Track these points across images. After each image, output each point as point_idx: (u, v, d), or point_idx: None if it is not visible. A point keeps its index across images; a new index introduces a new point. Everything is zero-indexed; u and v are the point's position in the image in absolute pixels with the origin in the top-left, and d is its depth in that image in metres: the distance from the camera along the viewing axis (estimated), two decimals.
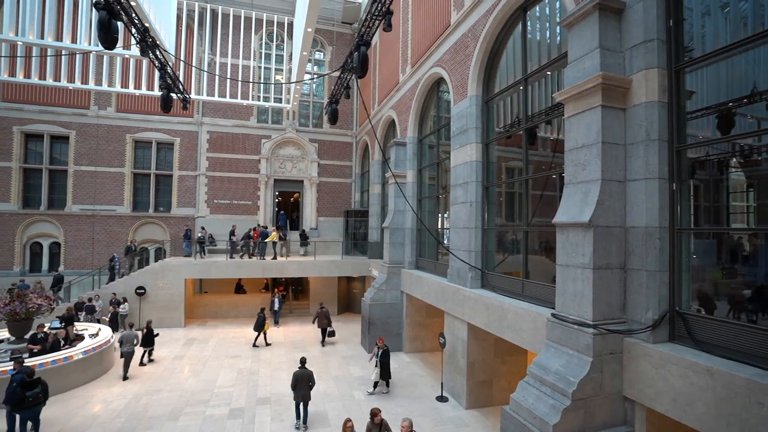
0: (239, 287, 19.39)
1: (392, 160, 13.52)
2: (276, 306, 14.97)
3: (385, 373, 9.81)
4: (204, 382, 10.38)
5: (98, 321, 13.76)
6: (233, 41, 19.15)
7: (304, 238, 19.43)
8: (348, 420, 6.44)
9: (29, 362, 8.87)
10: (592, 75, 4.91)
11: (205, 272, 16.43)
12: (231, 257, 16.71)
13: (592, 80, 4.89)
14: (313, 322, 14.42)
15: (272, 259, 17.02)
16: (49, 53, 14.37)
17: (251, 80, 19.37)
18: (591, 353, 4.71)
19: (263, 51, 20.98)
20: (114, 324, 13.89)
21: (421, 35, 12.62)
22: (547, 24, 7.60)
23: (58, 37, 12.15)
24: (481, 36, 8.79)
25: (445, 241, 11.47)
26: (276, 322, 14.56)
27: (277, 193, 21.40)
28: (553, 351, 5.25)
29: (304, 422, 8.16)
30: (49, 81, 14.76)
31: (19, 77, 14.37)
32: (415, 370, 11.51)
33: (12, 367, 7.93)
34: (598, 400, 4.72)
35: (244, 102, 17.98)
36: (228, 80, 17.96)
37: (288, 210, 22.22)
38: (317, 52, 21.81)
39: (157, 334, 12.04)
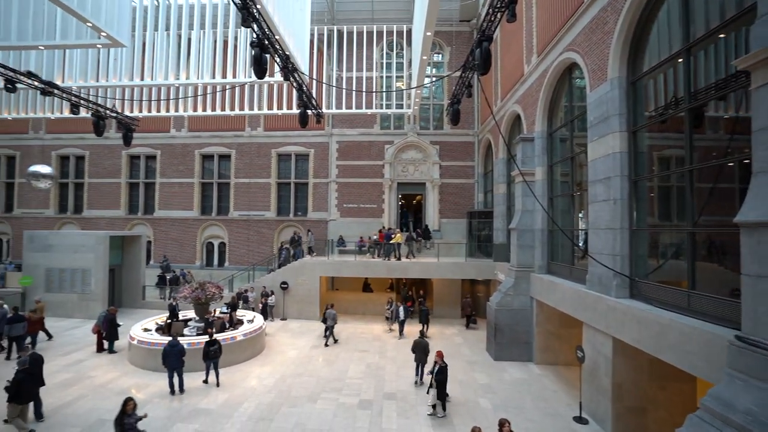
0: (366, 286, 20.62)
1: (519, 158, 12.70)
2: (401, 316, 15.18)
3: (441, 394, 8.78)
4: (336, 372, 11.28)
5: (252, 309, 16.19)
6: (357, 56, 20.57)
7: (426, 234, 19.66)
8: (477, 428, 6.20)
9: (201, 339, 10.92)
10: None
11: (337, 270, 17.93)
12: (387, 258, 17.92)
13: None
14: (462, 309, 17.16)
15: (396, 259, 17.64)
16: (217, 89, 17.63)
17: (374, 90, 20.48)
18: None
19: (384, 61, 22.05)
20: (264, 313, 16.18)
21: (547, 20, 11.60)
22: None
23: (224, 74, 14.76)
24: (624, 7, 7.62)
25: (581, 243, 10.28)
26: (401, 333, 14.85)
27: (400, 196, 22.18)
28: (741, 384, 4.17)
29: (421, 378, 10.32)
30: (218, 111, 18.07)
31: (200, 111, 17.95)
32: (546, 384, 10.56)
33: (169, 341, 9.95)
34: None
35: (368, 111, 19.11)
36: (353, 92, 19.35)
37: (411, 212, 22.81)
38: (435, 54, 21.92)
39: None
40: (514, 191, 14.39)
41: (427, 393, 8.98)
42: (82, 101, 13.85)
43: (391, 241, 17.97)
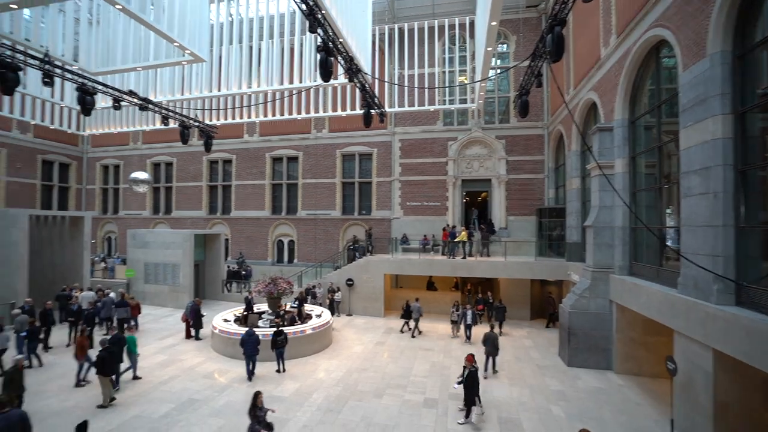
0: (430, 284, 20.44)
1: (595, 149, 11.70)
2: (469, 319, 14.71)
3: (469, 398, 8.15)
4: (401, 369, 11.31)
5: (320, 305, 16.82)
6: (418, 53, 20.39)
7: (491, 229, 18.98)
8: None
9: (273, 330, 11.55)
10: None
11: (400, 268, 17.95)
12: (451, 256, 17.50)
13: None
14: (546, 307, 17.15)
15: (462, 258, 17.23)
16: (285, 94, 18.58)
17: (437, 86, 20.14)
18: None
19: (446, 56, 21.63)
20: (331, 308, 16.74)
21: None
22: None
23: (291, 80, 15.48)
24: None
25: (669, 242, 9.22)
26: (468, 337, 14.36)
27: (464, 193, 21.65)
28: None
29: (494, 369, 10.94)
30: (286, 115, 19.03)
31: (270, 116, 19.05)
32: (629, 395, 9.64)
33: (246, 330, 10.73)
34: None
35: (431, 108, 18.86)
36: (416, 90, 19.23)
37: (477, 210, 22.13)
38: (500, 45, 21.03)
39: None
40: (589, 186, 13.34)
41: (462, 408, 8.39)
42: (170, 113, 15.37)
43: (455, 240, 17.60)
